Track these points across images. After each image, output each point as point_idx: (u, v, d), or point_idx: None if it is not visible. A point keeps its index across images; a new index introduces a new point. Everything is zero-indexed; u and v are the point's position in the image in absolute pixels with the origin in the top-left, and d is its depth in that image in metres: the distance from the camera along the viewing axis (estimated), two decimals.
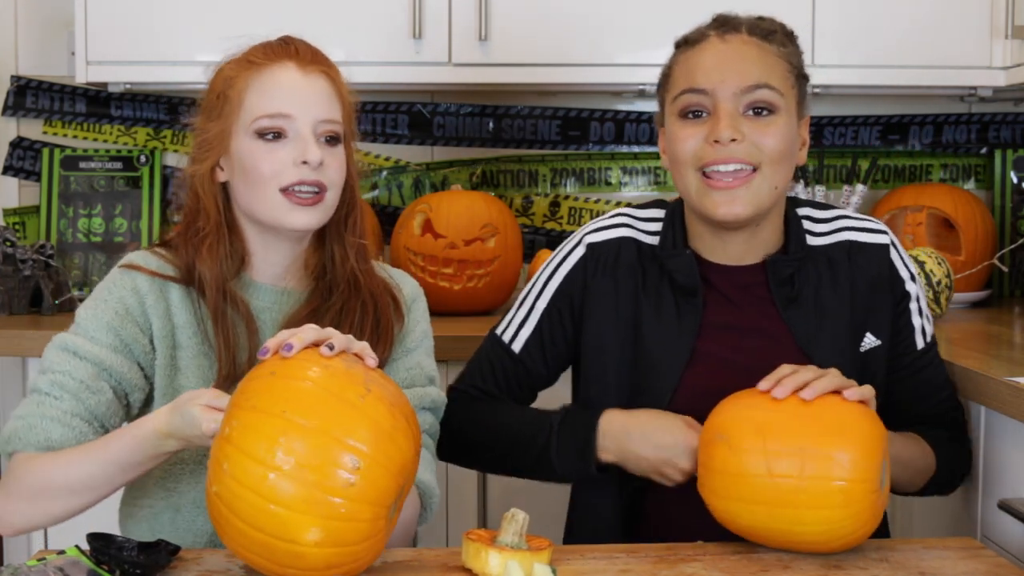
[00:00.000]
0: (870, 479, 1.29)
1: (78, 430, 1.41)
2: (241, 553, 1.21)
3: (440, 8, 2.58)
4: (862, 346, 1.61)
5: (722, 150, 1.51)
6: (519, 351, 1.67)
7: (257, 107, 1.49)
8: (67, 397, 1.42)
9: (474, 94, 2.92)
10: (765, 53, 1.55)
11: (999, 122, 2.98)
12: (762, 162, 1.52)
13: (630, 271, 1.62)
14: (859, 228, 1.64)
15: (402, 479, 1.19)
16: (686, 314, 1.58)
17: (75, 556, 1.22)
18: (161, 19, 2.57)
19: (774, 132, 1.52)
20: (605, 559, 1.33)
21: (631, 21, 2.60)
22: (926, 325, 1.66)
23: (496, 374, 1.68)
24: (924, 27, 2.60)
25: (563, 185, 2.97)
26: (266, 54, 1.51)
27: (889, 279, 1.62)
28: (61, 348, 1.45)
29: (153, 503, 1.50)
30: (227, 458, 1.17)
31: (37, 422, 1.41)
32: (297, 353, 1.23)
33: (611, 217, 1.67)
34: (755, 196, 1.52)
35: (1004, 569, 1.31)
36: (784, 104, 1.54)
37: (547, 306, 1.65)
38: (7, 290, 2.56)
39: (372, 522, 1.17)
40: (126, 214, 2.90)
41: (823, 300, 1.59)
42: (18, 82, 2.90)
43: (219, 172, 1.53)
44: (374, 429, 1.17)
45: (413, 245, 2.57)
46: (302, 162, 1.47)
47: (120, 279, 1.51)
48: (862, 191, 2.76)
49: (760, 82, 1.52)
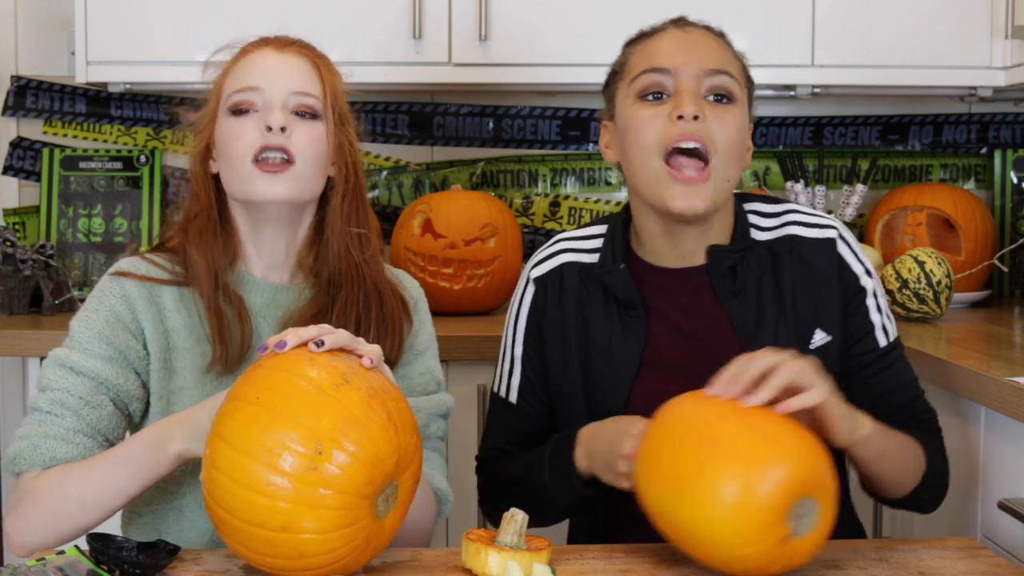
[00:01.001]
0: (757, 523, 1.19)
1: (83, 446, 1.41)
2: (223, 533, 1.22)
3: (440, 8, 2.58)
4: (812, 342, 1.55)
5: (685, 126, 1.49)
6: (516, 401, 1.66)
7: (231, 86, 1.52)
8: (68, 414, 1.42)
9: (474, 94, 2.92)
10: (723, 47, 1.57)
11: (999, 122, 2.98)
12: (716, 152, 1.51)
13: (574, 295, 1.61)
14: (805, 223, 1.60)
15: (378, 471, 1.18)
16: (630, 328, 1.57)
17: (74, 556, 1.23)
18: (161, 19, 2.57)
19: (731, 120, 1.52)
20: (605, 559, 1.33)
21: (631, 21, 2.59)
22: (887, 323, 1.60)
23: (505, 431, 1.68)
24: (924, 27, 2.60)
25: (563, 185, 2.97)
26: (252, 44, 1.56)
27: (838, 274, 1.57)
28: (58, 365, 1.45)
29: (156, 506, 1.50)
30: (209, 444, 1.21)
31: (40, 442, 1.41)
32: (290, 349, 1.25)
33: (549, 246, 1.67)
34: (712, 190, 1.51)
35: (1004, 569, 1.30)
36: (741, 97, 1.55)
37: (523, 350, 1.65)
38: (7, 290, 2.56)
39: (342, 510, 1.17)
40: (126, 214, 2.90)
41: (764, 294, 1.56)
42: (18, 82, 2.90)
43: (212, 164, 1.55)
44: (344, 417, 1.17)
45: (413, 245, 2.57)
46: (266, 128, 1.48)
47: (109, 287, 1.51)
48: (862, 191, 2.76)
49: (722, 68, 1.53)
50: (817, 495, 1.22)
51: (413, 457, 1.24)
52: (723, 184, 1.52)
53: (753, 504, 1.18)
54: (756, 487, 1.18)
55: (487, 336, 2.28)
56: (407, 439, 1.22)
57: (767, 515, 1.19)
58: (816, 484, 1.22)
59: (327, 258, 1.56)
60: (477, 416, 2.33)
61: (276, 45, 1.55)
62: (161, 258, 1.56)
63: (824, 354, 1.53)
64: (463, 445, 2.29)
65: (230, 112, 1.51)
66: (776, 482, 1.18)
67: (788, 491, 1.19)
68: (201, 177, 1.55)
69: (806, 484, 1.20)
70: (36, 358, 2.31)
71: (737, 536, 1.19)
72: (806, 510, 1.21)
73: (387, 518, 1.23)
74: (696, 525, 1.22)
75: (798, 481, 1.20)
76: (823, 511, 1.22)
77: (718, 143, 1.51)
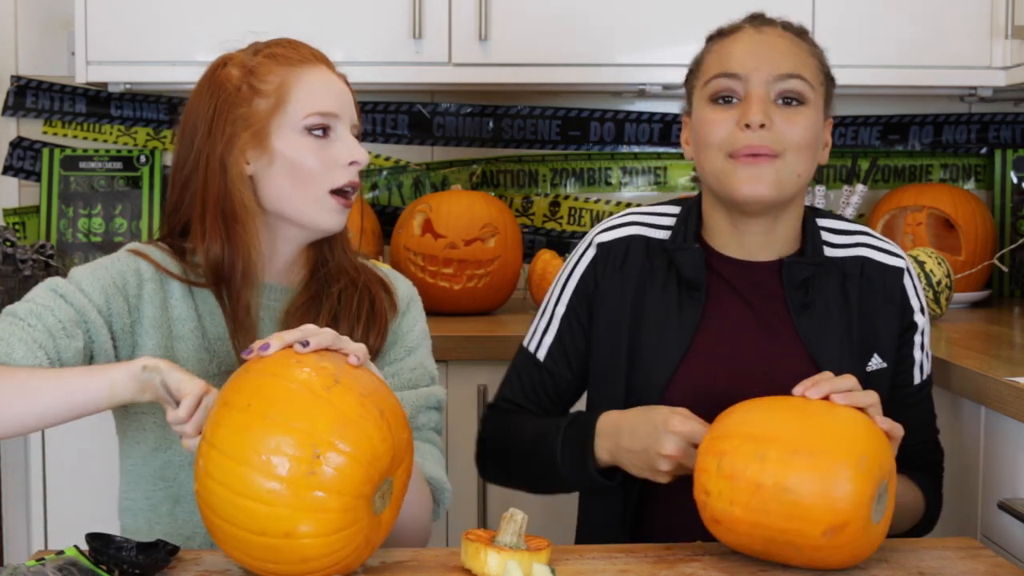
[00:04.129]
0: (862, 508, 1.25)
1: (40, 360, 1.37)
2: (220, 541, 1.22)
3: (440, 8, 2.58)
4: (869, 366, 1.57)
5: (751, 135, 1.51)
6: (543, 359, 1.67)
7: (307, 104, 1.48)
8: (41, 328, 1.39)
9: (474, 94, 2.92)
10: (798, 47, 1.57)
11: (999, 122, 2.98)
12: (786, 149, 1.52)
13: (637, 268, 1.61)
14: (878, 247, 1.62)
15: (375, 470, 1.18)
16: (688, 309, 1.57)
17: (74, 556, 1.23)
18: (161, 19, 2.57)
19: (801, 121, 1.53)
20: (604, 559, 1.33)
21: (631, 21, 2.60)
22: (925, 362, 1.63)
23: (524, 385, 1.68)
24: (924, 27, 2.60)
25: (563, 185, 2.97)
26: (298, 53, 1.51)
27: (900, 305, 1.60)
28: (50, 288, 1.44)
29: (151, 495, 1.50)
30: (202, 454, 1.20)
31: (5, 335, 1.37)
32: (276, 352, 1.24)
33: (620, 216, 1.67)
34: (778, 178, 1.52)
35: (1003, 569, 1.30)
36: (813, 98, 1.55)
37: (565, 311, 1.66)
38: (7, 290, 2.56)
39: (342, 512, 1.16)
40: (126, 214, 2.90)
41: (833, 312, 1.57)
42: (18, 82, 2.90)
43: (247, 167, 1.50)
44: (338, 418, 1.17)
45: (413, 245, 2.57)
46: (351, 163, 1.49)
47: (126, 258, 1.51)
48: (862, 191, 2.76)
49: (793, 72, 1.54)
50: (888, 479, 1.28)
51: (406, 452, 1.24)
52: (791, 177, 1.53)
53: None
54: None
55: (487, 336, 2.28)
56: (400, 435, 1.22)
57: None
58: (891, 474, 1.28)
59: (329, 259, 1.56)
60: (473, 416, 2.33)
61: (326, 64, 1.53)
62: (173, 250, 1.54)
63: (877, 379, 1.56)
64: (462, 445, 2.29)
65: (306, 131, 1.48)
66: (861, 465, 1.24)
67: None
68: (242, 180, 1.50)
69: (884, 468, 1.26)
70: None
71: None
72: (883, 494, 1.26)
73: (383, 513, 1.23)
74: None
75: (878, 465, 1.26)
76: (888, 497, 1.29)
77: (787, 142, 1.52)
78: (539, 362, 1.67)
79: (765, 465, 1.25)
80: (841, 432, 1.27)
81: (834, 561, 1.27)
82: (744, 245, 1.59)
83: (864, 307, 1.58)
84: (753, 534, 1.27)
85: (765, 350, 1.55)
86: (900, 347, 1.60)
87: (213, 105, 1.49)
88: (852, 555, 1.27)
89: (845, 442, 1.25)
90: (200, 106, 1.51)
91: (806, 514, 1.23)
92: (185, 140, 1.52)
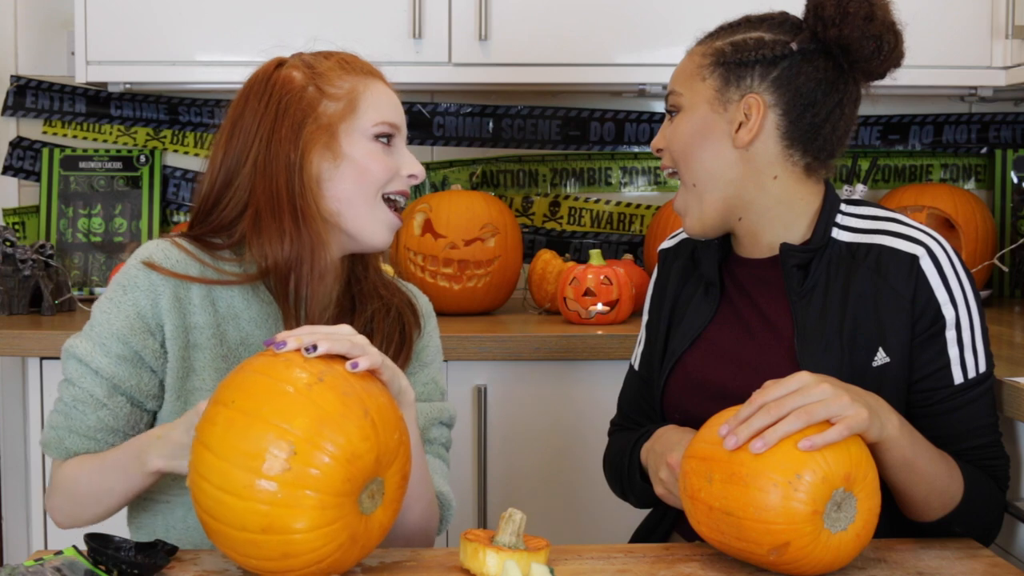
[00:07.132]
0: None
1: (102, 441, 1.47)
2: (211, 537, 1.22)
3: (440, 8, 2.58)
4: (875, 360, 1.47)
5: (664, 159, 1.60)
6: (639, 368, 1.74)
7: (377, 113, 1.52)
8: (88, 412, 1.47)
9: (474, 94, 2.92)
10: (691, 57, 1.58)
11: (999, 122, 2.98)
12: (676, 160, 1.57)
13: (681, 268, 1.68)
14: (898, 234, 1.51)
15: (355, 468, 1.18)
16: (704, 304, 1.62)
17: (73, 556, 1.23)
18: (161, 19, 2.57)
19: (673, 130, 1.57)
20: (603, 559, 1.33)
21: (631, 21, 2.60)
22: (968, 358, 1.48)
23: (629, 397, 1.76)
24: (924, 27, 2.59)
25: (563, 185, 2.97)
26: (363, 64, 1.57)
27: (910, 296, 1.47)
28: (77, 360, 1.47)
29: (169, 498, 1.50)
30: (193, 450, 1.23)
31: (64, 435, 1.48)
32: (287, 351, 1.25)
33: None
34: (685, 206, 1.57)
35: (1003, 569, 1.31)
36: (687, 100, 1.55)
37: (647, 319, 1.74)
38: (7, 290, 2.56)
39: (320, 509, 1.16)
40: (126, 214, 2.90)
41: (832, 297, 1.50)
42: (18, 82, 2.90)
43: (310, 165, 1.50)
44: (318, 416, 1.17)
45: (413, 245, 2.57)
46: (410, 175, 1.54)
47: (135, 277, 1.48)
48: (862, 191, 2.75)
49: (670, 89, 1.59)
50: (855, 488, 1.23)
51: (397, 453, 1.23)
52: (691, 191, 1.56)
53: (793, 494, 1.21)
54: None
55: (487, 336, 2.28)
56: (387, 436, 1.22)
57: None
58: (853, 478, 1.23)
59: (358, 277, 1.59)
60: (472, 416, 2.33)
61: (383, 80, 1.59)
62: (196, 248, 1.51)
63: (881, 375, 1.47)
64: (458, 444, 2.30)
65: (375, 138, 1.52)
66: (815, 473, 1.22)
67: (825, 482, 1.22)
68: (314, 179, 1.50)
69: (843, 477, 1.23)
70: (36, 358, 2.31)
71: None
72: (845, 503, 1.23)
73: (375, 514, 1.22)
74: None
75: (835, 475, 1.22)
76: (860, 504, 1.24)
77: (673, 154, 1.57)
78: (635, 371, 1.75)
79: (712, 487, 1.26)
80: (771, 452, 1.23)
81: (800, 572, 1.25)
82: (756, 244, 1.60)
83: (868, 297, 1.48)
84: (723, 548, 1.29)
85: (760, 344, 1.55)
86: (922, 347, 1.48)
87: (276, 105, 1.49)
88: (815, 566, 1.24)
89: (775, 462, 1.22)
90: (256, 105, 1.50)
91: (748, 535, 1.23)
92: (237, 137, 1.50)
